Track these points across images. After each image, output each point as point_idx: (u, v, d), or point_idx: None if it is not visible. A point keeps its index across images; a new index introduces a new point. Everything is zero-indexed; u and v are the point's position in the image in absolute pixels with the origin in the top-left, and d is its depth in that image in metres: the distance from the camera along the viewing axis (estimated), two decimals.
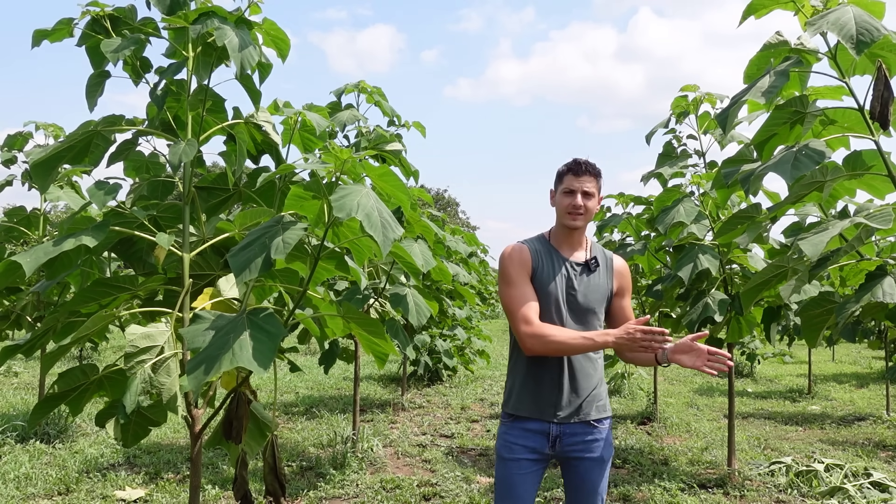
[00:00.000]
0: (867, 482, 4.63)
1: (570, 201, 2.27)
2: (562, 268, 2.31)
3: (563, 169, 2.33)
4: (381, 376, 10.50)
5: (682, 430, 6.83)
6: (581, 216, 2.28)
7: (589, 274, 2.33)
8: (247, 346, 1.81)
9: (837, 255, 2.73)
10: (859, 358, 15.21)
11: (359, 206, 1.91)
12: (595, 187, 2.30)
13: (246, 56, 2.23)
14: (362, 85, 4.97)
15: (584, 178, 2.27)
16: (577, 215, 2.28)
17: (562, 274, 2.30)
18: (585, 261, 2.34)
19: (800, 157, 2.43)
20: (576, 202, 2.26)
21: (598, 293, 2.32)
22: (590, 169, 2.29)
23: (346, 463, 5.09)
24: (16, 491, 4.35)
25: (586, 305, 2.29)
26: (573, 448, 2.27)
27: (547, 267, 2.30)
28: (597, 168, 2.31)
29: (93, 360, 10.78)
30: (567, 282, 2.30)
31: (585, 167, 2.28)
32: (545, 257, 2.32)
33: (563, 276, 2.30)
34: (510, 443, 2.30)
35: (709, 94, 4.96)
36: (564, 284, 2.29)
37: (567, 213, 2.29)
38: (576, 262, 2.33)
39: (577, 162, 2.30)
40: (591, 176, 2.28)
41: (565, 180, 2.31)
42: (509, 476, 2.29)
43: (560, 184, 2.33)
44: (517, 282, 2.27)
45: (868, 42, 2.21)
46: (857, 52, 2.21)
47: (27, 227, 5.05)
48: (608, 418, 2.33)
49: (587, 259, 2.34)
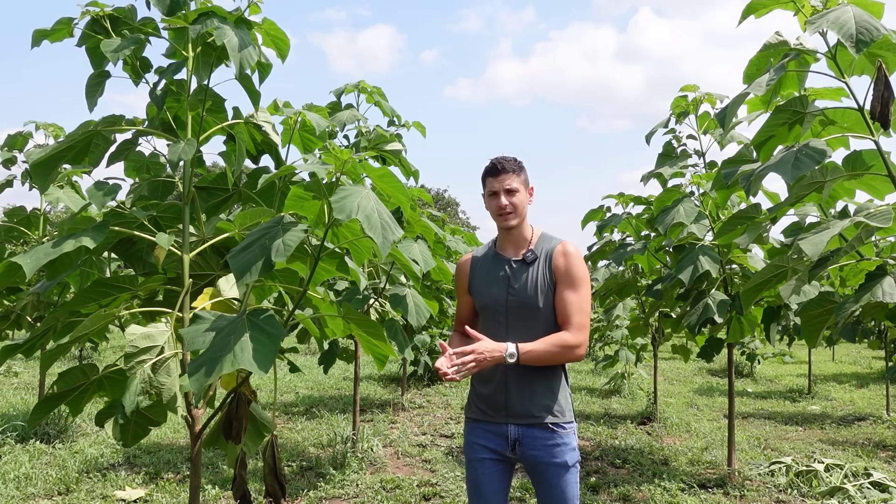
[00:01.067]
0: (867, 482, 4.63)
1: (496, 203, 2.28)
2: (501, 269, 2.31)
3: (483, 173, 2.34)
4: (381, 376, 10.50)
5: (682, 430, 6.83)
6: (510, 214, 2.27)
7: (526, 269, 2.29)
8: (248, 348, 1.81)
9: (837, 255, 2.73)
10: (859, 358, 15.22)
11: (359, 208, 1.91)
12: (518, 182, 2.29)
13: (245, 56, 2.23)
14: (362, 85, 4.97)
15: (502, 176, 2.27)
16: (506, 215, 2.28)
17: (501, 275, 2.30)
18: (522, 256, 2.31)
19: (800, 157, 2.43)
20: (500, 203, 2.27)
21: (534, 287, 2.25)
22: (507, 166, 2.28)
23: (346, 463, 5.09)
24: (16, 491, 4.35)
25: (524, 302, 2.25)
26: (535, 453, 2.24)
27: (484, 272, 2.34)
28: (515, 163, 2.30)
29: (93, 360, 10.78)
30: (507, 282, 2.29)
31: (502, 166, 2.28)
32: (485, 263, 2.36)
33: (502, 277, 2.29)
34: (472, 443, 2.32)
35: (708, 94, 4.96)
36: (505, 285, 2.28)
37: (497, 215, 2.30)
38: (515, 260, 2.31)
39: (492, 163, 2.30)
40: (510, 172, 2.28)
41: (487, 184, 2.32)
42: (474, 476, 2.31)
43: (484, 188, 2.35)
44: (459, 293, 2.46)
45: (867, 41, 2.21)
46: (857, 51, 2.22)
47: (27, 228, 5.05)
48: (570, 423, 2.28)
49: (524, 254, 2.31)
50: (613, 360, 9.19)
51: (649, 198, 5.44)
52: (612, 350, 11.24)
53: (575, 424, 2.32)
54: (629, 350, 9.15)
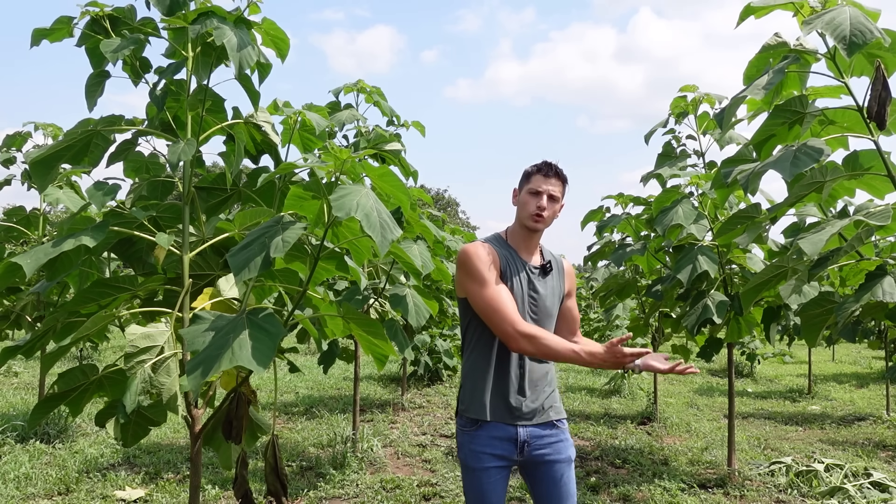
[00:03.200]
0: (867, 482, 4.63)
1: (536, 202, 2.24)
2: (522, 270, 2.28)
3: (532, 169, 2.29)
4: (381, 376, 10.50)
5: (682, 430, 6.83)
6: (543, 219, 2.25)
7: (545, 277, 2.32)
8: (246, 346, 1.80)
9: (837, 255, 2.73)
10: (859, 358, 15.22)
11: (358, 206, 1.91)
12: (561, 192, 2.28)
13: (245, 56, 2.23)
14: (361, 85, 4.97)
15: (553, 180, 2.25)
16: (539, 217, 2.24)
17: (523, 277, 2.28)
18: (542, 264, 2.33)
19: (799, 155, 2.43)
20: (541, 203, 2.23)
21: (554, 296, 2.32)
22: (559, 173, 2.27)
23: (346, 463, 5.09)
24: (16, 491, 4.35)
25: (546, 308, 2.28)
26: (543, 451, 2.23)
27: (509, 268, 2.28)
28: (565, 174, 2.30)
29: (93, 360, 10.78)
30: (529, 285, 2.28)
31: (555, 171, 2.26)
32: (507, 259, 2.30)
33: (524, 278, 2.28)
34: (477, 452, 2.20)
35: (707, 94, 4.97)
36: (527, 287, 2.27)
37: (531, 213, 2.24)
38: (533, 266, 2.31)
39: (547, 164, 2.27)
40: (559, 180, 2.27)
41: (533, 180, 2.27)
42: (479, 486, 2.21)
43: (527, 183, 2.28)
44: (490, 280, 2.17)
45: (860, 44, 2.20)
46: (849, 54, 2.21)
47: (27, 227, 5.05)
48: (565, 419, 2.33)
49: (543, 262, 2.34)
50: None
51: (649, 198, 5.44)
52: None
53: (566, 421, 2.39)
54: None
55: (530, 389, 2.24)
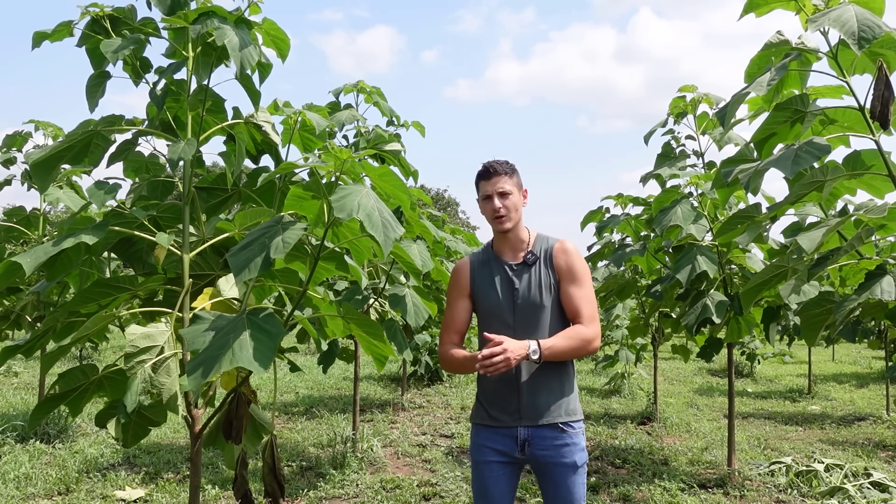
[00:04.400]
0: (867, 482, 4.63)
1: (490, 206, 2.29)
2: (501, 273, 2.31)
3: (476, 177, 2.35)
4: (381, 376, 10.50)
5: (682, 430, 6.83)
6: (505, 217, 2.28)
7: (528, 270, 2.30)
8: (247, 346, 1.80)
9: (837, 255, 2.73)
10: (859, 358, 15.21)
11: (360, 207, 1.91)
12: (511, 184, 2.30)
13: (246, 56, 2.23)
14: (361, 85, 4.97)
15: (494, 179, 2.28)
16: (501, 218, 2.28)
17: (502, 279, 2.30)
18: (523, 258, 2.32)
19: (800, 153, 2.43)
20: (494, 206, 2.27)
21: (539, 287, 2.27)
22: (499, 169, 2.29)
23: (346, 463, 5.09)
24: (16, 491, 4.35)
25: (530, 303, 2.26)
26: (544, 453, 2.23)
27: (485, 277, 2.33)
28: (507, 165, 2.31)
29: (93, 360, 10.77)
30: (509, 285, 2.29)
31: (494, 169, 2.29)
32: (484, 267, 2.35)
33: (503, 280, 2.30)
34: (479, 445, 2.30)
35: (707, 94, 4.97)
36: (507, 288, 2.29)
37: (493, 219, 2.30)
38: (515, 264, 2.32)
39: (484, 167, 2.31)
40: (502, 175, 2.29)
41: (481, 187, 2.33)
42: (481, 479, 2.29)
43: (478, 193, 2.35)
44: (450, 303, 2.38)
45: (869, 39, 2.21)
46: (859, 48, 2.21)
47: (27, 227, 5.05)
48: (578, 422, 2.27)
49: (524, 256, 2.32)
50: (613, 360, 9.18)
51: (648, 198, 5.44)
52: (612, 350, 11.24)
53: (583, 425, 2.32)
54: (629, 350, 9.15)
55: (527, 390, 2.23)
